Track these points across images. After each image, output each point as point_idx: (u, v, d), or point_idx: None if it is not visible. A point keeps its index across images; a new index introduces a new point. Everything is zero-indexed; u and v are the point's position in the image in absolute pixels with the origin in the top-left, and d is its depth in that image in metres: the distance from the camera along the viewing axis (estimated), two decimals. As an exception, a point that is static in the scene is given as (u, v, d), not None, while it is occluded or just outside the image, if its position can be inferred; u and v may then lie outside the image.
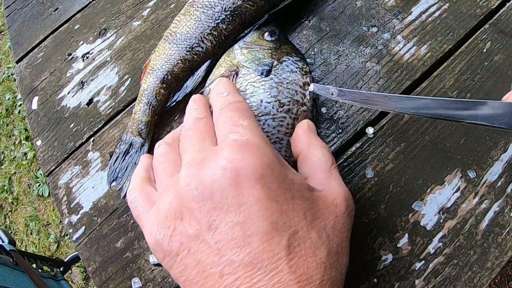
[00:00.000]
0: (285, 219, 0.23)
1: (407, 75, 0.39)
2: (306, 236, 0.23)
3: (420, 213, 0.34)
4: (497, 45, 0.39)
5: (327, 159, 0.28)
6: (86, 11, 0.54)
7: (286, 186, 0.24)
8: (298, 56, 0.37)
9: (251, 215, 0.22)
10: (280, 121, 0.33)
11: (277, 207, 0.23)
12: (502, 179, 0.34)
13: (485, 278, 0.31)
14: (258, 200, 0.22)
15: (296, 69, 0.36)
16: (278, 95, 0.34)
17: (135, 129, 0.40)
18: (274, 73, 0.35)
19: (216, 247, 0.22)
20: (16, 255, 0.66)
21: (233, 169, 0.23)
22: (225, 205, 0.23)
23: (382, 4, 0.43)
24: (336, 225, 0.25)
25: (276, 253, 0.22)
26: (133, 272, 0.36)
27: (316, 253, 0.23)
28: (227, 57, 0.38)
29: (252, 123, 0.27)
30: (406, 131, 0.37)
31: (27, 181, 1.52)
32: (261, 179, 0.23)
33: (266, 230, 0.22)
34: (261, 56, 0.36)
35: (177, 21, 0.41)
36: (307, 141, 0.30)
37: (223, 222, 0.22)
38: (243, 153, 0.23)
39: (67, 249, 1.36)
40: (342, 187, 0.27)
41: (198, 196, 0.23)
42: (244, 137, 0.25)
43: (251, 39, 0.39)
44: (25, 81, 0.51)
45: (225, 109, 0.28)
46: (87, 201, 0.40)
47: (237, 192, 0.23)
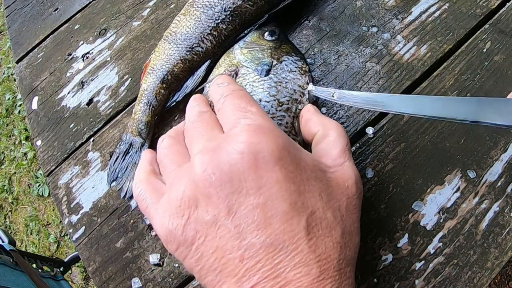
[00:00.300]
0: (303, 200, 0.23)
1: (407, 75, 0.39)
2: (322, 216, 0.24)
3: (420, 213, 0.34)
4: (497, 45, 0.39)
5: (342, 138, 0.28)
6: (86, 11, 0.54)
7: (302, 168, 0.24)
8: (297, 56, 0.37)
9: (271, 196, 0.22)
10: (279, 120, 0.33)
11: (295, 188, 0.23)
12: (502, 179, 0.34)
13: (485, 278, 0.31)
14: (277, 181, 0.23)
15: (295, 69, 0.36)
16: (277, 94, 0.34)
17: (135, 129, 0.40)
18: (273, 72, 0.35)
19: (236, 231, 0.22)
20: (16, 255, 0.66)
21: (250, 153, 0.23)
22: (244, 188, 0.23)
23: (382, 4, 0.43)
24: (348, 206, 0.26)
25: (296, 233, 0.22)
26: (133, 272, 0.36)
27: (332, 233, 0.23)
28: (227, 57, 0.38)
29: (260, 110, 0.27)
30: (406, 131, 0.37)
31: (27, 181, 1.52)
32: (279, 161, 0.23)
33: (286, 210, 0.22)
34: (261, 56, 0.36)
35: (177, 21, 0.41)
36: (320, 121, 0.30)
37: (243, 205, 0.22)
38: (259, 136, 0.24)
39: (67, 249, 1.36)
40: (353, 169, 0.27)
41: (215, 181, 0.23)
42: (257, 122, 0.25)
43: (251, 39, 0.39)
44: (25, 81, 0.51)
45: (230, 97, 0.28)
46: (87, 201, 0.40)
47: (256, 175, 0.23)
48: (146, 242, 0.37)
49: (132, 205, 0.39)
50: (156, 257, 0.36)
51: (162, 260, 0.36)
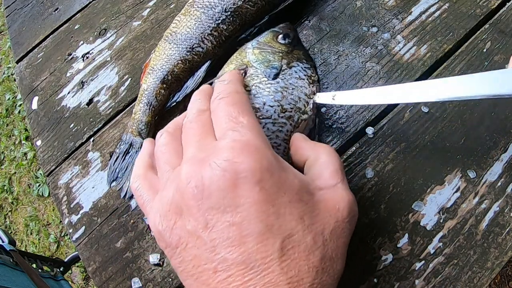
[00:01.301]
0: (281, 222, 0.23)
1: (407, 75, 0.39)
2: (301, 239, 0.23)
3: (420, 213, 0.34)
4: (497, 45, 0.39)
5: (334, 159, 0.28)
6: (86, 11, 0.54)
7: (285, 190, 0.24)
8: (308, 64, 0.36)
9: (248, 216, 0.23)
10: (280, 127, 0.33)
11: (274, 210, 0.23)
12: (502, 179, 0.34)
13: (485, 278, 0.31)
14: (255, 203, 0.23)
15: (304, 77, 0.35)
16: (281, 100, 0.33)
17: (135, 129, 0.40)
18: (281, 77, 0.34)
19: (211, 245, 0.23)
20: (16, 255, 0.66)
21: (232, 171, 0.23)
22: (223, 205, 0.23)
23: (382, 4, 0.43)
24: (335, 230, 0.25)
25: (269, 254, 0.22)
26: (133, 272, 0.36)
27: (309, 257, 0.23)
28: (239, 55, 0.38)
29: (251, 121, 0.27)
30: (406, 131, 0.37)
31: (27, 181, 1.52)
32: (259, 183, 0.23)
33: (261, 231, 0.23)
34: (271, 59, 0.36)
35: (177, 21, 0.41)
36: (310, 147, 0.30)
37: (219, 221, 0.23)
38: (243, 155, 0.24)
39: (67, 249, 1.36)
40: (346, 192, 0.27)
41: (197, 195, 0.24)
42: (244, 138, 0.25)
43: (264, 39, 0.38)
44: (25, 81, 0.51)
45: (224, 101, 0.28)
46: (87, 201, 0.40)
47: (235, 194, 0.23)
48: (146, 242, 0.37)
49: (132, 205, 0.39)
50: (156, 257, 0.36)
51: (162, 260, 0.36)
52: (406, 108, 0.38)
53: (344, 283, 0.32)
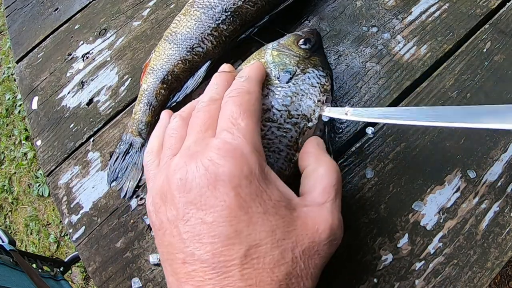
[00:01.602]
0: (250, 231, 0.24)
1: (407, 75, 0.39)
2: (268, 251, 0.23)
3: (420, 213, 0.34)
4: (497, 45, 0.39)
5: (330, 175, 0.28)
6: (86, 11, 0.54)
7: (261, 201, 0.24)
8: (324, 71, 0.35)
9: (219, 218, 0.23)
10: (284, 132, 0.32)
11: (246, 217, 0.24)
12: (502, 179, 0.34)
13: (485, 278, 0.31)
14: (228, 206, 0.24)
15: (316, 84, 0.34)
16: (290, 105, 0.33)
17: (135, 129, 0.40)
18: (293, 82, 0.34)
19: (183, 237, 0.24)
20: (16, 255, 0.66)
21: (213, 172, 0.24)
22: (199, 202, 0.24)
23: (382, 4, 0.43)
24: (308, 250, 0.25)
25: (232, 259, 0.23)
26: (133, 272, 0.36)
27: (274, 270, 0.23)
28: (258, 55, 0.37)
29: (249, 125, 0.27)
30: (406, 131, 0.37)
31: (27, 181, 1.52)
32: (236, 188, 0.24)
33: (229, 235, 0.23)
34: (287, 62, 0.35)
35: (177, 21, 0.41)
36: (315, 156, 0.30)
37: (193, 217, 0.24)
38: (226, 159, 0.25)
39: (67, 249, 1.36)
40: (332, 214, 0.26)
41: (180, 187, 0.25)
42: (235, 142, 0.26)
43: (285, 41, 0.37)
44: (25, 81, 0.51)
45: (231, 100, 0.28)
46: (87, 201, 0.40)
47: (212, 194, 0.24)
48: (146, 242, 0.37)
49: (132, 205, 0.39)
50: (156, 257, 0.36)
51: (162, 260, 0.36)
52: (406, 108, 0.38)
53: (344, 283, 0.32)
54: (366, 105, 0.38)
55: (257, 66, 0.33)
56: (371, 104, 0.38)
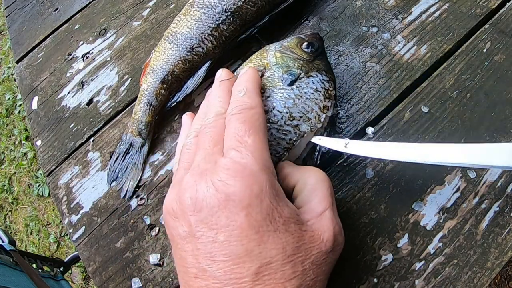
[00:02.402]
0: (261, 249, 0.24)
1: (407, 75, 0.39)
2: (279, 268, 0.24)
3: (420, 213, 0.34)
4: (497, 45, 0.39)
5: (321, 184, 0.28)
6: (86, 11, 0.54)
7: (272, 219, 0.25)
8: (327, 76, 0.35)
9: (230, 237, 0.24)
10: (283, 134, 0.32)
11: (256, 236, 0.24)
12: (502, 179, 0.34)
13: (485, 278, 0.31)
14: (239, 226, 0.24)
15: (320, 89, 0.34)
16: (291, 107, 0.33)
17: (135, 129, 0.40)
18: (297, 85, 0.34)
19: (196, 253, 0.25)
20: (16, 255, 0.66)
21: (224, 193, 0.24)
22: (210, 222, 0.25)
23: (382, 4, 0.43)
24: (316, 260, 0.25)
25: (244, 276, 0.23)
26: (133, 272, 0.36)
27: (285, 285, 0.24)
28: (260, 55, 0.37)
29: (256, 142, 0.27)
30: (406, 131, 0.37)
31: (27, 181, 1.52)
32: (246, 208, 0.24)
33: (240, 254, 0.24)
34: (291, 65, 0.35)
35: (178, 21, 0.41)
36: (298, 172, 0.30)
37: (204, 235, 0.25)
38: (236, 179, 0.25)
39: (67, 249, 1.36)
40: (332, 221, 0.27)
41: (191, 206, 0.25)
42: (243, 160, 0.26)
43: (288, 44, 0.37)
44: (25, 81, 0.51)
45: (235, 118, 0.28)
46: (87, 201, 0.40)
47: (223, 214, 0.24)
48: (146, 242, 0.37)
49: (132, 205, 0.39)
50: (156, 257, 0.36)
51: (162, 260, 0.36)
52: (406, 108, 0.38)
53: (344, 283, 0.32)
54: (366, 105, 0.38)
55: (252, 75, 0.32)
56: (371, 104, 0.38)
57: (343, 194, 0.35)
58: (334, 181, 0.36)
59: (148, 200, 0.39)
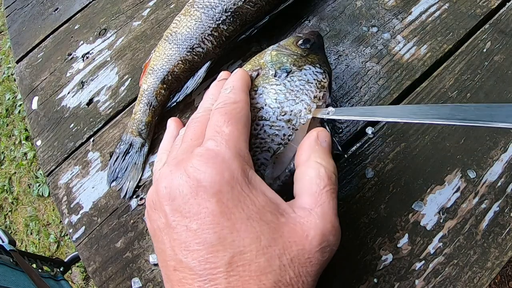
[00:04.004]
0: (234, 237, 0.23)
1: (407, 75, 0.39)
2: (253, 259, 0.23)
3: (420, 213, 0.34)
4: (497, 45, 0.39)
5: (319, 179, 0.26)
6: (86, 11, 0.54)
7: (244, 206, 0.24)
8: (322, 68, 0.34)
9: (203, 225, 0.24)
10: (276, 130, 0.31)
11: (229, 224, 0.23)
12: (502, 179, 0.34)
13: (485, 278, 0.31)
14: (211, 213, 0.24)
15: (313, 80, 0.33)
16: (283, 102, 0.32)
17: (135, 129, 0.40)
18: (288, 78, 0.33)
19: (172, 244, 0.24)
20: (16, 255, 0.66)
21: (195, 179, 0.24)
22: (184, 210, 0.24)
23: (382, 4, 0.43)
24: (298, 258, 0.24)
25: (218, 266, 0.23)
26: (133, 272, 0.36)
27: (261, 278, 0.23)
28: (258, 56, 0.37)
29: (233, 132, 0.27)
30: (406, 131, 0.37)
31: (27, 181, 1.52)
32: (217, 194, 0.24)
33: (213, 242, 0.23)
34: (285, 60, 0.35)
35: (178, 21, 0.41)
36: (306, 156, 0.28)
37: (179, 224, 0.24)
38: (207, 165, 0.25)
39: (67, 249, 1.36)
40: (324, 219, 0.25)
41: (166, 195, 0.25)
42: (217, 148, 0.26)
43: (285, 42, 0.37)
44: (25, 81, 0.51)
45: (218, 110, 0.29)
46: (87, 201, 0.40)
47: (195, 201, 0.24)
48: (146, 242, 0.37)
49: (132, 205, 0.39)
50: (156, 257, 0.36)
51: (162, 260, 0.36)
52: (406, 108, 0.38)
53: (344, 283, 0.32)
54: (366, 105, 0.38)
55: (240, 74, 0.32)
56: (371, 104, 0.38)
57: (343, 194, 0.35)
58: (334, 181, 0.36)
59: (148, 200, 0.39)
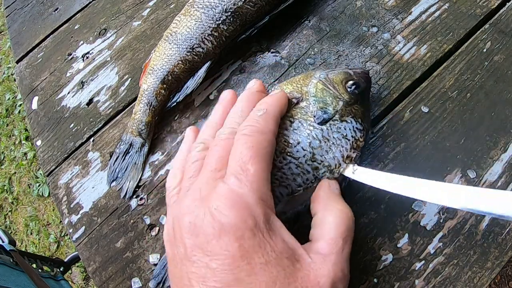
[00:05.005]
0: (252, 280, 0.24)
1: (407, 75, 0.39)
2: None
3: (420, 213, 0.34)
4: (497, 45, 0.39)
5: (338, 226, 0.27)
6: (86, 11, 0.54)
7: (264, 252, 0.25)
8: (362, 125, 0.33)
9: (222, 266, 0.25)
10: (301, 172, 0.31)
11: (248, 267, 0.24)
12: (502, 179, 0.34)
13: (485, 278, 0.31)
14: (231, 256, 0.25)
15: (350, 138, 0.32)
16: (316, 148, 0.31)
17: (135, 129, 0.40)
18: (328, 126, 0.32)
19: (190, 276, 0.25)
20: (16, 255, 0.66)
21: (219, 222, 0.25)
22: (205, 248, 0.25)
23: (382, 4, 0.43)
24: None
25: None
26: (133, 272, 0.36)
27: None
28: (302, 80, 0.35)
29: (257, 172, 0.27)
30: (406, 131, 0.37)
31: (27, 181, 1.52)
32: (239, 239, 0.25)
33: (230, 283, 0.24)
34: (329, 102, 0.33)
35: (178, 21, 0.41)
36: (324, 204, 0.29)
37: (199, 260, 0.25)
38: (231, 210, 0.25)
39: (67, 249, 1.36)
40: (336, 266, 0.26)
41: (189, 230, 0.26)
42: (241, 190, 0.26)
43: (334, 76, 0.35)
44: (25, 81, 0.51)
45: (243, 139, 0.28)
46: (87, 201, 0.40)
47: (217, 242, 0.25)
48: (146, 242, 0.37)
49: (132, 205, 0.39)
50: (156, 257, 0.36)
51: (162, 260, 0.36)
52: (406, 108, 0.38)
53: (344, 283, 0.32)
54: (366, 105, 0.38)
55: (279, 98, 0.31)
56: (371, 104, 0.38)
57: (343, 194, 0.35)
58: (334, 181, 0.36)
59: (148, 200, 0.39)
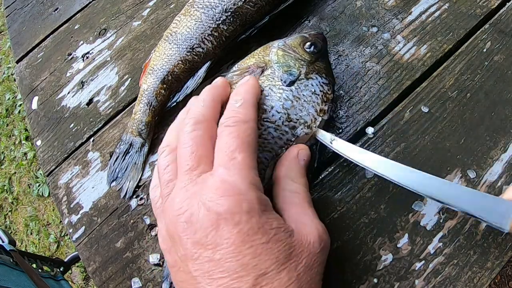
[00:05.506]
0: (256, 262, 0.25)
1: (407, 75, 0.39)
2: (275, 276, 0.25)
3: (420, 213, 0.34)
4: (497, 45, 0.39)
5: (299, 193, 0.30)
6: (86, 11, 0.54)
7: (263, 231, 0.26)
8: (327, 79, 0.35)
9: (226, 255, 0.25)
10: (280, 134, 0.32)
11: (251, 250, 0.25)
12: (502, 179, 0.34)
13: (485, 278, 0.31)
14: (233, 243, 0.25)
15: (319, 92, 0.34)
16: (290, 109, 0.33)
17: (135, 129, 0.40)
18: (296, 86, 0.34)
19: (194, 274, 0.26)
20: (16, 255, 0.66)
21: (215, 213, 0.25)
22: (205, 242, 0.25)
23: (382, 4, 0.43)
24: (308, 263, 0.26)
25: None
26: (133, 272, 0.36)
27: None
28: (263, 51, 0.37)
29: (245, 159, 0.27)
30: (406, 131, 0.37)
31: (27, 181, 1.52)
32: (238, 225, 0.25)
33: (237, 269, 0.25)
34: (292, 64, 0.35)
35: (177, 21, 0.41)
36: (284, 173, 0.31)
37: (201, 256, 0.25)
38: (225, 198, 0.25)
39: (67, 249, 1.36)
40: (314, 223, 0.29)
41: (186, 230, 0.26)
42: (231, 178, 0.26)
43: (291, 42, 0.36)
44: (25, 81, 0.51)
45: (227, 131, 0.28)
46: (87, 201, 0.40)
47: (216, 233, 0.25)
48: (146, 242, 0.37)
49: (132, 205, 0.39)
50: (156, 257, 0.36)
51: (162, 260, 0.36)
52: (406, 108, 0.38)
53: (344, 283, 0.32)
54: (366, 105, 0.38)
55: (252, 85, 0.32)
56: (371, 104, 0.38)
57: (343, 194, 0.35)
58: (334, 181, 0.36)
59: (148, 200, 0.39)
